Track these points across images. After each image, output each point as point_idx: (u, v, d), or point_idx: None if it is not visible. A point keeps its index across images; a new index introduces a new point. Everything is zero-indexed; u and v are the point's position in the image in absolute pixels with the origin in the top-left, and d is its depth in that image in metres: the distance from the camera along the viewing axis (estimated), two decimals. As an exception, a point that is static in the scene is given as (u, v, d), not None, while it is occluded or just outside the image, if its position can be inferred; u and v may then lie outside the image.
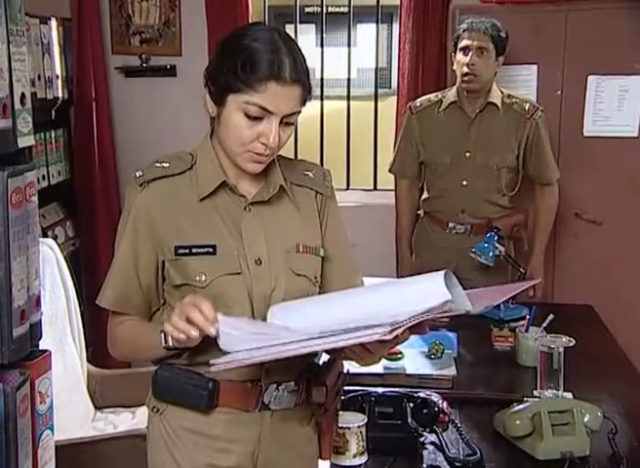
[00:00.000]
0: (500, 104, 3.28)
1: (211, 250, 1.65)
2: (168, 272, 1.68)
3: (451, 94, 3.35)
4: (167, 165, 1.69)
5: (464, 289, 1.53)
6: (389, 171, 3.62)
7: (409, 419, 1.97)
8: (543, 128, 3.30)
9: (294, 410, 1.73)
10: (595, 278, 3.81)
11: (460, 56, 3.24)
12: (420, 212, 3.53)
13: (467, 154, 3.30)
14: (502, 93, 3.32)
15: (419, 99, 3.47)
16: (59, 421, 1.60)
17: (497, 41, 3.21)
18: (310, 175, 1.80)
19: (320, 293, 1.75)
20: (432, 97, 3.42)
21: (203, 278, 1.64)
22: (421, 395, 2.08)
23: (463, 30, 3.24)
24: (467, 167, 3.30)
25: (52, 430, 1.33)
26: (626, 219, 3.82)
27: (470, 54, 3.19)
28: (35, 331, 1.26)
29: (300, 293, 1.69)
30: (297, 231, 1.74)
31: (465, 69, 3.20)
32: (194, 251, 1.65)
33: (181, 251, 1.65)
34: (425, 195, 3.47)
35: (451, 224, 3.36)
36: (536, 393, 2.25)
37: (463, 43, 3.22)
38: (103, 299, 1.72)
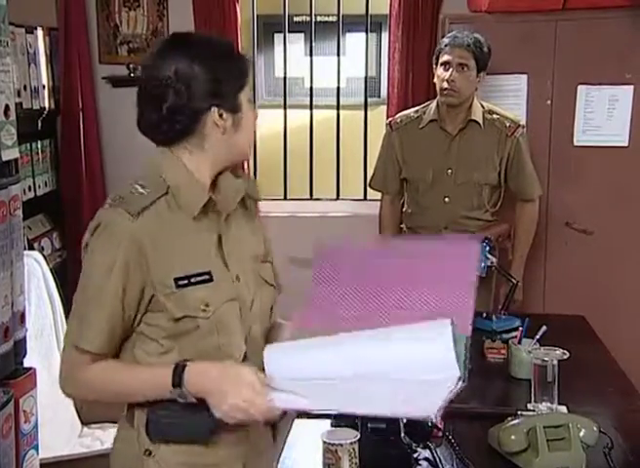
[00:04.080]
0: (481, 121, 3.25)
1: (207, 276, 1.59)
2: (164, 306, 1.57)
3: (431, 110, 3.31)
4: (149, 190, 1.58)
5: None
6: (370, 186, 3.59)
7: (402, 435, 1.94)
8: (525, 145, 3.29)
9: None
10: (586, 288, 3.81)
11: (440, 70, 3.20)
12: (403, 226, 3.48)
13: (449, 171, 3.27)
14: (484, 107, 3.29)
15: (398, 115, 3.45)
16: (44, 438, 1.56)
17: (478, 57, 3.17)
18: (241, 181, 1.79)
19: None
20: (412, 112, 3.39)
21: (208, 308, 1.58)
22: (414, 410, 2.05)
23: (445, 45, 3.20)
24: (449, 184, 3.28)
25: (36, 450, 1.31)
26: (617, 229, 3.82)
27: (450, 70, 3.16)
28: (20, 348, 1.24)
29: (271, 302, 1.73)
30: (256, 241, 1.75)
31: (445, 85, 3.17)
32: (193, 280, 1.57)
33: (181, 282, 1.56)
34: (407, 210, 3.43)
35: None
36: (530, 406, 2.22)
37: (444, 58, 3.18)
38: (85, 342, 1.55)
